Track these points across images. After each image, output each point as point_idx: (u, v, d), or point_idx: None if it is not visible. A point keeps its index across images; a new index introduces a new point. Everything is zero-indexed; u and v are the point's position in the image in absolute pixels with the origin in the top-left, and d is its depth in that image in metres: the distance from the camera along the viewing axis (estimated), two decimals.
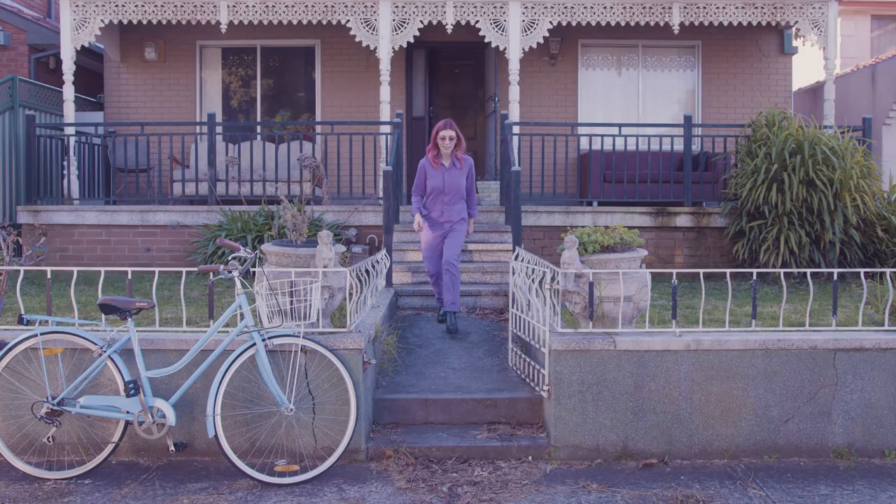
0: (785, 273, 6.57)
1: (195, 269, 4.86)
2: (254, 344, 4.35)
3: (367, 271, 5.72)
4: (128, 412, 4.30)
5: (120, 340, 4.37)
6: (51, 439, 4.42)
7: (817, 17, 9.95)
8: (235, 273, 4.38)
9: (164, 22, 10.00)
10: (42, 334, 4.36)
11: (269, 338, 4.40)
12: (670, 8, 9.93)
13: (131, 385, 4.28)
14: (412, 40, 10.09)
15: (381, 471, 4.51)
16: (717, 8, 9.94)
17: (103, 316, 4.57)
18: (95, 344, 4.34)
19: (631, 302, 5.04)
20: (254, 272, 4.84)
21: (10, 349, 4.36)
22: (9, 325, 5.13)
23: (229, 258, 4.61)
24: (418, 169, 6.61)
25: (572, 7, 9.91)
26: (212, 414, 4.28)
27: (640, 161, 9.61)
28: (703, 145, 10.68)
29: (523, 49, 9.98)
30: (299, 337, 4.46)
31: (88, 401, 4.32)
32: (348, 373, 4.44)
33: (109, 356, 4.33)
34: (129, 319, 4.35)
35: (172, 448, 4.43)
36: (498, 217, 9.35)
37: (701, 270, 5.09)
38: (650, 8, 9.93)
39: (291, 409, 4.41)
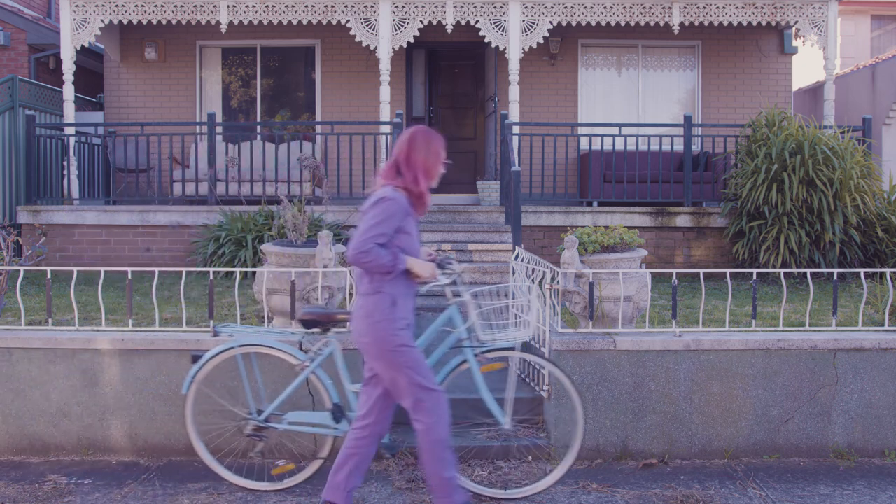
0: (785, 273, 6.57)
1: (195, 269, 4.84)
2: (465, 360, 4.00)
3: None
4: (335, 428, 4.06)
5: (322, 354, 4.10)
6: (259, 454, 4.25)
7: (817, 17, 9.95)
8: (445, 280, 3.96)
9: (164, 22, 10.00)
10: (240, 346, 4.18)
11: (483, 352, 4.01)
12: (670, 8, 9.93)
13: (338, 403, 4.07)
14: (412, 40, 10.09)
15: (381, 471, 4.51)
16: (717, 8, 9.94)
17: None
18: (298, 358, 4.12)
19: (631, 302, 5.04)
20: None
21: (207, 362, 4.16)
22: (9, 325, 5.14)
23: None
24: (392, 209, 3.50)
25: (572, 7, 9.91)
26: None
27: (640, 161, 9.61)
28: (703, 145, 10.68)
29: (523, 49, 9.98)
30: (516, 350, 4.11)
31: (295, 417, 4.11)
32: (573, 386, 4.15)
33: (313, 371, 4.09)
34: (331, 332, 4.08)
35: (388, 457, 4.41)
36: (498, 217, 9.35)
37: (701, 270, 5.09)
38: (650, 8, 9.93)
39: (509, 426, 4.07)
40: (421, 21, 9.94)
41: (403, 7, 9.89)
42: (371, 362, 3.59)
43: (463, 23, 10.05)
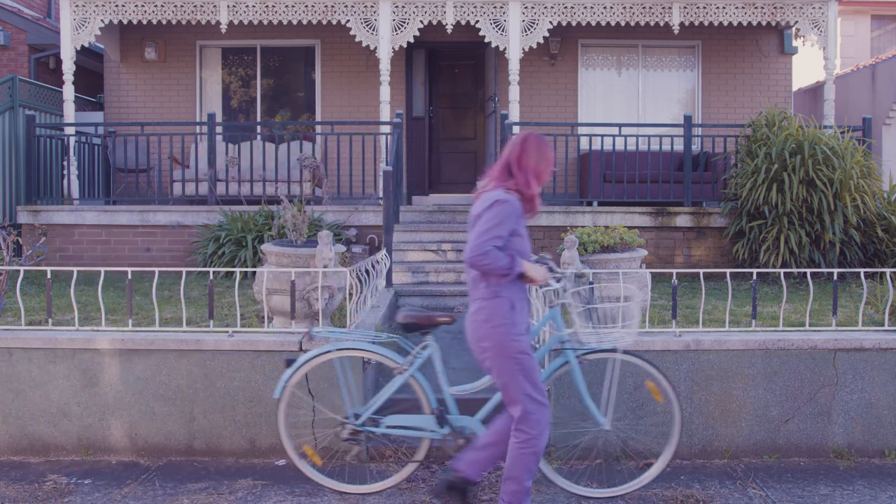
0: (785, 273, 6.57)
1: (195, 269, 4.84)
2: (566, 362, 4.02)
3: (367, 271, 5.72)
4: (433, 431, 4.03)
5: (420, 358, 4.05)
6: (355, 458, 4.24)
7: (817, 17, 9.95)
8: (556, 284, 3.97)
9: (164, 22, 10.00)
10: (338, 350, 4.15)
11: (584, 354, 4.04)
12: (670, 8, 9.93)
13: (440, 406, 4.04)
14: (412, 40, 10.09)
15: (381, 471, 4.51)
16: (717, 8, 9.94)
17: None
18: (397, 362, 4.08)
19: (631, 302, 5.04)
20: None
21: (302, 366, 4.12)
22: (9, 325, 5.14)
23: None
24: (508, 211, 3.52)
25: (572, 7, 9.91)
26: None
27: (640, 161, 9.61)
28: (703, 145, 10.68)
29: (523, 49, 9.98)
30: (618, 352, 4.10)
31: (394, 420, 4.07)
32: (670, 386, 4.14)
33: (412, 374, 4.05)
34: (430, 335, 4.05)
35: None
36: None
37: (701, 270, 5.09)
38: (650, 8, 9.93)
39: (608, 426, 4.08)
40: (421, 21, 9.94)
41: (403, 7, 9.89)
42: (486, 366, 3.60)
43: (463, 23, 10.05)
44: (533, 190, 3.59)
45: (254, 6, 9.86)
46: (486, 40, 9.99)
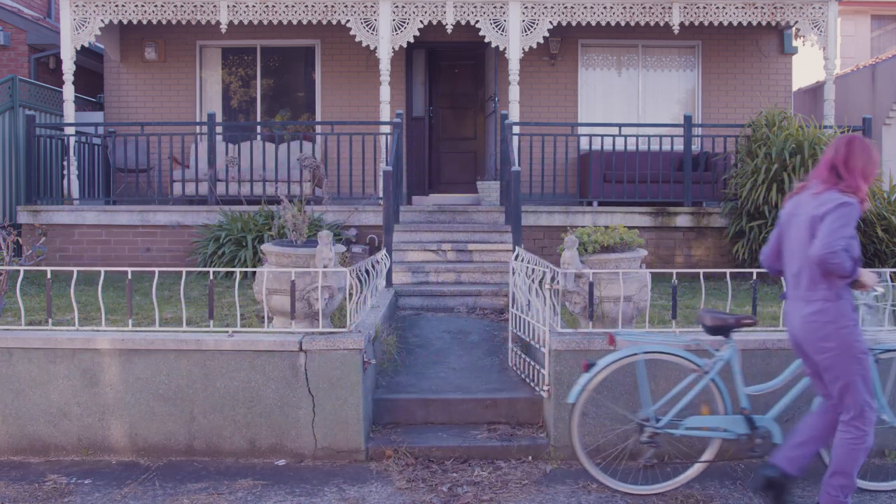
0: None
1: (195, 269, 4.83)
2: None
3: (367, 271, 5.72)
4: (725, 430, 4.11)
5: (722, 360, 4.10)
6: (651, 460, 4.25)
7: (817, 17, 9.95)
8: (881, 290, 4.07)
9: (164, 22, 10.00)
10: (644, 353, 4.17)
11: (883, 351, 4.11)
12: (670, 8, 9.93)
13: (741, 406, 4.10)
14: (412, 40, 10.09)
15: (381, 471, 4.51)
16: (717, 8, 9.94)
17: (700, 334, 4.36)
18: (698, 365, 4.12)
19: (631, 302, 5.04)
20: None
21: (602, 369, 4.13)
22: (9, 325, 5.14)
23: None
24: (853, 214, 3.58)
25: (572, 7, 9.91)
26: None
27: (640, 161, 9.61)
28: (703, 145, 10.68)
29: (523, 49, 9.98)
30: None
31: (694, 422, 4.12)
32: None
33: (712, 378, 4.11)
34: (731, 336, 4.12)
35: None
36: (498, 217, 9.35)
37: (701, 270, 5.09)
38: (650, 8, 9.93)
39: None
40: (421, 21, 9.94)
41: (403, 7, 9.89)
42: (824, 366, 3.65)
43: (463, 23, 10.05)
44: (863, 193, 3.64)
45: (254, 6, 9.86)
46: (486, 40, 9.99)
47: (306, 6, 9.87)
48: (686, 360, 4.17)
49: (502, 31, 9.93)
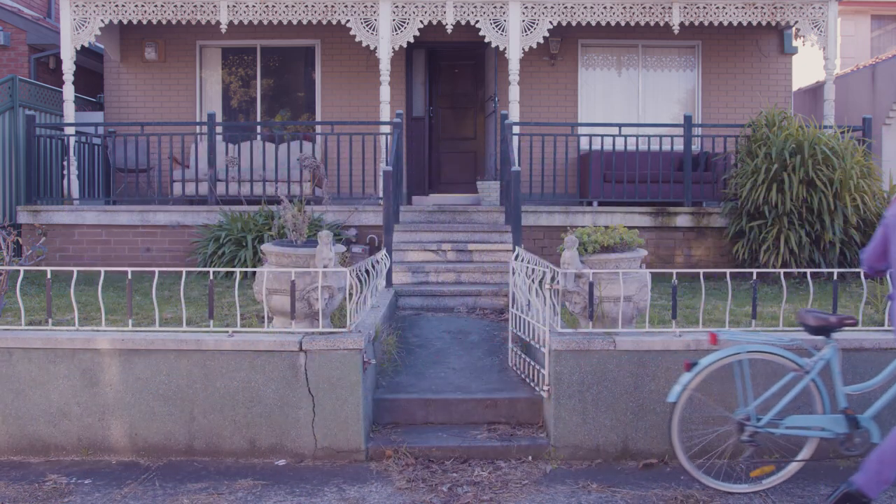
0: (785, 273, 6.56)
1: (195, 269, 4.83)
2: None
3: (367, 271, 5.72)
4: (823, 429, 4.13)
5: (823, 360, 4.12)
6: (748, 459, 4.24)
7: (817, 17, 9.95)
8: None
9: (164, 22, 10.00)
10: (748, 352, 4.17)
11: None
12: (670, 8, 9.93)
13: (842, 406, 4.11)
14: (412, 40, 10.09)
15: (381, 471, 4.51)
16: (717, 8, 9.94)
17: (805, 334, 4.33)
18: (798, 365, 4.15)
19: (631, 302, 5.04)
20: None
21: (705, 368, 4.14)
22: (9, 325, 5.14)
23: None
24: None
25: (572, 7, 9.91)
26: None
27: (640, 161, 9.61)
28: (703, 145, 10.68)
29: (523, 49, 9.98)
30: None
31: (795, 421, 4.15)
32: None
33: (812, 378, 4.12)
34: (832, 336, 4.12)
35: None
36: (498, 217, 9.35)
37: (701, 270, 5.09)
38: (650, 8, 9.93)
39: None
40: (421, 21, 9.94)
41: (403, 7, 9.89)
42: None
43: (463, 23, 10.05)
44: None
45: (254, 6, 9.86)
46: (486, 40, 9.99)
47: (306, 6, 9.87)
48: (788, 360, 4.19)
49: (502, 31, 9.93)
